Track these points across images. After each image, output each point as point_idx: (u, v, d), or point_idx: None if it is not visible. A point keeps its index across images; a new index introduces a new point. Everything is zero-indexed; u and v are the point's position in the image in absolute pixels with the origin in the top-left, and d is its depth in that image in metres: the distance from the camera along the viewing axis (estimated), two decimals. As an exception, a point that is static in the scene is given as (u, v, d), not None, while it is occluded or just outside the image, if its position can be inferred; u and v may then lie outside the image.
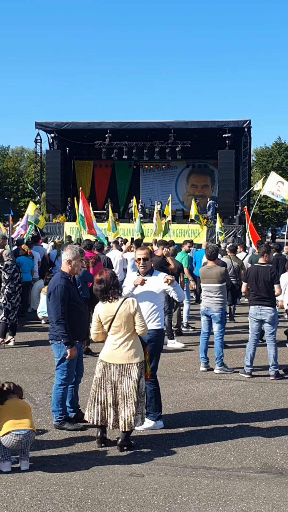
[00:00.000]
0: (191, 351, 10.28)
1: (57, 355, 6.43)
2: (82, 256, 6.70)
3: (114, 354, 5.86)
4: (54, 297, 6.29)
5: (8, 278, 10.45)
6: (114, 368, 5.83)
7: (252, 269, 8.71)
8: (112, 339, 5.90)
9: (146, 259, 6.53)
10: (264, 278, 8.49)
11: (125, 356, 5.83)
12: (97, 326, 6.00)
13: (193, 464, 5.54)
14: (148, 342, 6.37)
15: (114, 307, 5.87)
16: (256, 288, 8.54)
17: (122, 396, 5.78)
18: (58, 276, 6.48)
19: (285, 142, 68.37)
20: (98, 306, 6.01)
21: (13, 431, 5.24)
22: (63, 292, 6.28)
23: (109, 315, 5.87)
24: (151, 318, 6.44)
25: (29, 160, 65.63)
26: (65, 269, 6.56)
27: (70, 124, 30.55)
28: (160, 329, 6.53)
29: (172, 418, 6.77)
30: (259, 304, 8.57)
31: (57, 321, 6.24)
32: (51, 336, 6.46)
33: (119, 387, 5.81)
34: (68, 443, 6.03)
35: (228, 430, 6.44)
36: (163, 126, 29.83)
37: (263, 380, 8.45)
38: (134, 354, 5.87)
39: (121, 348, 5.85)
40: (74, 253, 6.56)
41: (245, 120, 29.12)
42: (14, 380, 8.14)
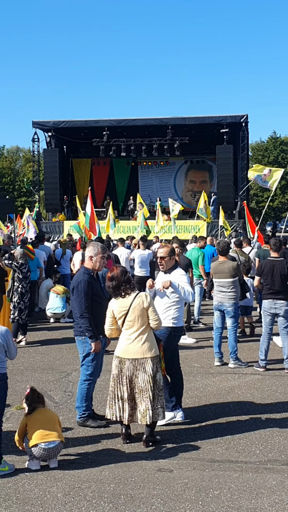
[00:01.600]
0: (203, 347, 10.32)
1: (81, 351, 6.46)
2: (103, 253, 6.71)
3: (128, 349, 5.90)
4: (77, 292, 6.34)
5: (22, 277, 10.48)
6: (129, 362, 5.87)
7: (268, 263, 8.73)
8: (126, 334, 5.94)
9: (164, 257, 6.56)
10: (280, 272, 8.53)
11: (139, 351, 5.87)
12: (111, 322, 6.04)
13: (219, 458, 5.58)
14: (162, 336, 6.41)
15: (128, 302, 5.91)
16: (272, 282, 8.57)
17: (138, 390, 5.83)
18: (81, 272, 6.57)
19: (281, 136, 68.51)
20: (112, 302, 6.05)
21: (41, 443, 5.25)
22: (86, 287, 6.34)
23: (123, 309, 5.91)
24: (166, 315, 6.47)
25: (24, 159, 65.65)
26: (88, 265, 6.63)
27: (67, 122, 30.52)
28: (173, 326, 6.54)
29: (193, 413, 6.81)
30: (274, 298, 8.60)
31: (81, 315, 6.28)
32: (76, 332, 6.50)
33: (134, 382, 5.85)
34: (93, 440, 6.06)
35: (250, 423, 6.48)
36: (161, 123, 29.81)
37: (278, 374, 8.50)
38: (149, 348, 5.91)
39: (135, 343, 5.89)
40: (96, 250, 6.62)
41: (243, 115, 29.14)
42: (31, 379, 8.25)
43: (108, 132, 29.85)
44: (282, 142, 67.16)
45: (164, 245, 6.78)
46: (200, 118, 30.07)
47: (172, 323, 6.55)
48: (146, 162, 34.82)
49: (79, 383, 6.52)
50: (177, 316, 6.60)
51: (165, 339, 6.47)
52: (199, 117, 30.27)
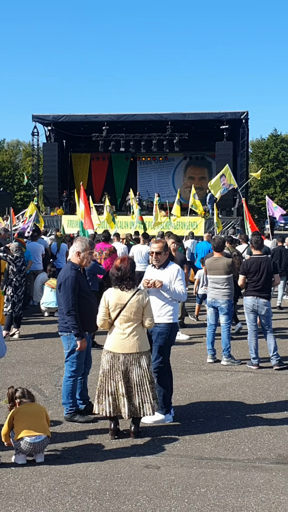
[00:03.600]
0: (196, 343, 10.27)
1: (66, 346, 6.40)
2: (91, 248, 6.65)
3: (123, 343, 5.85)
4: (64, 289, 6.25)
5: (16, 271, 10.44)
6: (123, 357, 5.82)
7: (253, 261, 8.70)
8: (120, 329, 5.88)
9: (159, 253, 6.49)
10: (267, 269, 8.55)
11: (134, 345, 5.83)
12: (105, 312, 5.94)
13: (208, 456, 5.53)
14: (158, 335, 6.36)
15: (127, 296, 5.86)
16: (258, 279, 8.58)
17: (133, 385, 5.79)
18: (68, 268, 6.46)
19: (281, 134, 68.35)
20: (109, 292, 5.96)
21: (27, 437, 5.20)
22: (74, 283, 6.25)
23: (120, 302, 5.85)
24: (162, 311, 6.41)
25: (24, 153, 65.52)
26: (75, 260, 6.53)
27: (67, 116, 30.44)
28: (171, 323, 6.47)
29: (183, 410, 6.76)
30: (257, 296, 8.60)
31: (68, 312, 6.20)
32: (61, 327, 6.42)
33: (129, 376, 5.80)
34: (81, 435, 6.01)
35: (241, 421, 6.43)
36: (161, 118, 29.73)
37: (271, 372, 8.45)
38: (143, 344, 5.90)
39: (130, 337, 5.84)
40: (84, 245, 6.53)
41: (243, 112, 29.07)
42: (22, 373, 8.20)
43: (108, 127, 29.77)
44: (282, 140, 66.97)
45: (158, 240, 6.70)
46: (200, 114, 29.96)
47: (171, 319, 6.49)
48: (145, 158, 34.77)
49: (63, 379, 6.47)
50: (174, 312, 6.54)
51: (167, 336, 6.41)
52: (199, 113, 30.14)
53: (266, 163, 63.98)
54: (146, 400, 5.80)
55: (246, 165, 30.81)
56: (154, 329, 6.33)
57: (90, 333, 6.61)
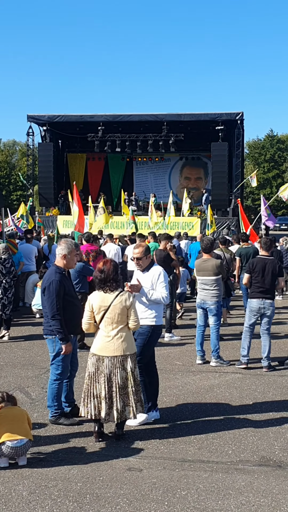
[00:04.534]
0: (187, 344, 10.27)
1: (51, 350, 6.39)
2: (77, 250, 6.64)
3: (107, 346, 5.84)
4: (49, 293, 6.23)
5: (5, 272, 10.40)
6: (108, 360, 5.81)
7: (259, 261, 8.67)
8: (105, 332, 5.87)
9: (140, 258, 6.47)
10: (272, 271, 8.51)
11: (119, 348, 5.82)
12: (90, 316, 5.94)
13: (191, 458, 5.52)
14: (139, 335, 6.36)
15: (110, 298, 5.85)
16: (262, 280, 8.53)
17: (115, 388, 5.77)
18: (52, 271, 6.41)
19: (277, 134, 68.47)
20: (93, 295, 5.97)
21: (8, 441, 5.18)
22: (58, 287, 6.23)
23: (103, 305, 5.84)
24: (145, 314, 6.39)
25: (21, 153, 65.46)
26: (60, 264, 6.49)
27: (63, 116, 30.40)
28: (153, 325, 6.45)
29: (169, 412, 6.75)
30: (263, 297, 8.56)
31: (53, 317, 6.19)
32: (45, 331, 6.41)
33: (113, 379, 5.79)
34: (65, 438, 6.00)
35: (226, 423, 6.42)
36: (156, 119, 29.73)
37: (259, 373, 8.45)
38: (128, 346, 5.88)
39: (114, 340, 5.83)
40: (70, 248, 6.50)
41: (238, 113, 29.08)
42: (9, 375, 8.19)
43: (103, 127, 29.74)
44: (279, 141, 67.13)
45: (138, 245, 6.64)
46: (195, 115, 29.96)
47: (154, 321, 6.48)
48: (141, 158, 34.74)
49: (49, 382, 6.45)
50: (157, 315, 6.52)
51: (147, 337, 6.41)
52: (194, 113, 30.14)
53: (262, 164, 64.11)
54: (128, 403, 5.79)
55: (242, 166, 30.80)
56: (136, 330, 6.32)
57: (76, 336, 6.59)
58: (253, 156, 66.09)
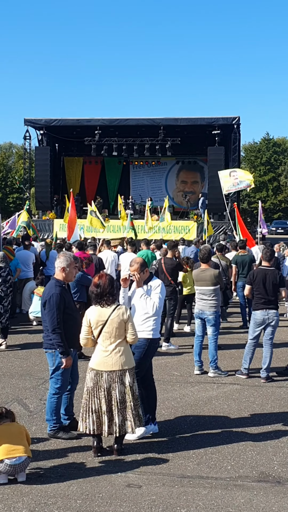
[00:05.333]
0: (184, 354, 10.26)
1: (51, 363, 6.37)
2: (76, 262, 6.63)
3: (106, 361, 5.83)
4: (49, 306, 6.21)
5: (1, 281, 10.35)
6: (106, 375, 5.80)
7: (259, 272, 8.67)
8: (103, 346, 5.86)
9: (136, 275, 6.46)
10: (272, 281, 8.50)
11: (117, 363, 5.81)
12: (87, 331, 5.94)
13: (190, 474, 5.52)
14: (136, 348, 6.34)
15: (107, 312, 5.84)
16: (264, 291, 8.52)
17: (115, 403, 5.76)
18: (52, 284, 6.39)
19: (273, 137, 68.59)
20: (90, 310, 5.96)
21: (7, 459, 5.16)
22: (59, 300, 6.21)
23: (101, 319, 5.84)
24: (142, 327, 6.37)
25: (17, 155, 65.35)
26: (59, 277, 6.47)
27: (60, 120, 30.38)
28: (150, 338, 6.44)
29: (168, 425, 6.75)
30: (266, 308, 8.54)
31: (53, 330, 6.17)
32: (45, 344, 6.39)
33: (112, 394, 5.78)
34: (64, 452, 5.99)
35: (224, 437, 6.42)
36: (153, 123, 29.74)
37: (257, 383, 8.45)
38: (126, 360, 5.86)
39: (113, 355, 5.82)
40: (69, 260, 6.49)
41: (234, 117, 29.12)
42: (7, 386, 8.17)
43: (100, 131, 29.74)
44: (274, 144, 67.25)
45: (134, 261, 6.57)
46: (192, 119, 29.99)
47: (151, 334, 6.46)
48: (138, 162, 34.74)
49: (48, 396, 6.42)
50: (155, 328, 6.52)
51: (144, 351, 6.40)
52: (191, 118, 30.17)
53: (258, 167, 64.20)
54: (127, 418, 5.78)
55: (238, 169, 30.83)
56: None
57: (75, 350, 6.58)
58: (249, 159, 66.17)
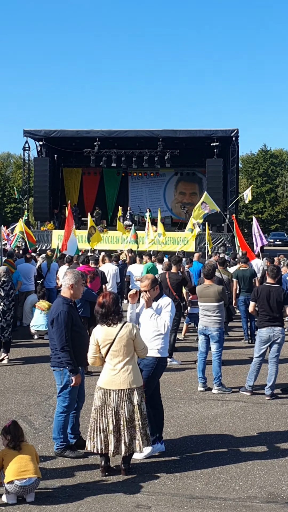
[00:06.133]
0: (187, 369, 10.24)
1: (59, 382, 6.35)
2: (83, 279, 6.63)
3: (114, 379, 5.82)
4: (57, 324, 6.21)
5: (4, 295, 10.34)
6: (115, 394, 5.79)
7: (264, 289, 8.68)
8: (111, 365, 5.86)
9: (147, 291, 6.48)
10: (276, 298, 8.51)
11: (125, 381, 5.81)
12: (95, 350, 5.95)
13: (199, 494, 5.50)
14: (144, 367, 6.35)
15: (114, 331, 5.85)
16: (269, 308, 8.52)
17: (123, 422, 5.75)
18: (60, 302, 6.40)
19: (271, 149, 68.91)
20: (97, 329, 5.97)
21: (16, 480, 5.15)
22: (67, 318, 6.21)
23: (108, 338, 5.84)
24: (151, 345, 6.36)
25: (15, 165, 65.44)
26: (66, 294, 6.47)
27: (59, 132, 30.54)
28: (159, 357, 6.45)
29: (174, 444, 6.73)
30: (271, 325, 8.54)
31: (62, 348, 6.16)
32: (53, 363, 6.38)
33: (120, 413, 5.77)
34: (71, 471, 5.97)
35: (231, 456, 6.41)
36: (152, 135, 29.91)
37: (262, 401, 8.45)
38: (134, 379, 5.86)
39: (121, 373, 5.82)
40: (76, 277, 6.50)
41: (233, 130, 29.31)
42: (11, 402, 8.16)
43: (99, 142, 29.88)
44: (272, 155, 67.59)
45: (145, 277, 6.62)
46: (191, 131, 30.22)
47: (159, 353, 6.47)
48: (137, 173, 34.85)
49: (55, 414, 6.40)
50: (163, 346, 6.52)
51: (153, 369, 6.41)
52: (190, 130, 30.42)
53: (255, 178, 64.46)
54: (135, 437, 5.77)
55: (236, 182, 31.00)
56: (141, 361, 6.32)
57: (83, 368, 6.57)
58: (247, 171, 66.45)
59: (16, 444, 5.37)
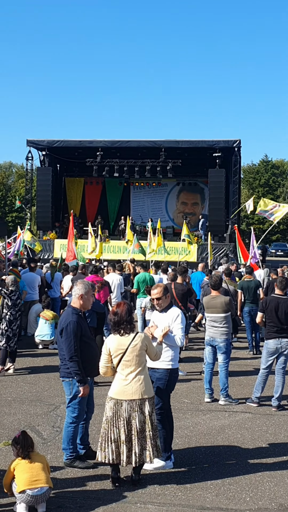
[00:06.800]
0: (193, 380, 10.24)
1: (68, 392, 6.36)
2: (93, 290, 6.66)
3: (125, 390, 5.84)
4: (66, 334, 6.23)
5: (11, 305, 10.37)
6: (126, 404, 5.81)
7: (272, 300, 8.70)
8: (123, 375, 5.88)
9: (159, 298, 6.52)
10: (285, 311, 8.52)
11: (137, 391, 5.82)
12: (107, 359, 5.98)
13: (209, 505, 5.50)
14: (157, 381, 6.36)
15: (126, 341, 5.87)
16: (277, 319, 8.53)
17: (135, 432, 5.77)
18: (69, 312, 6.42)
19: (272, 159, 69.10)
20: (109, 339, 6.00)
21: (28, 490, 5.16)
22: (76, 328, 6.23)
23: (121, 348, 5.87)
24: (164, 356, 6.38)
25: (17, 175, 65.60)
26: (76, 304, 6.49)
27: (62, 142, 30.60)
28: (170, 368, 6.47)
29: (183, 455, 6.73)
30: (279, 337, 8.55)
31: (70, 358, 6.18)
32: (62, 373, 6.39)
33: (132, 423, 5.78)
34: (81, 482, 5.97)
35: (241, 468, 6.41)
36: (154, 145, 29.99)
37: (269, 412, 8.45)
38: (146, 389, 5.88)
39: (133, 383, 5.84)
40: (87, 288, 6.52)
41: (235, 140, 29.39)
42: (18, 412, 8.16)
43: (102, 152, 29.95)
44: (273, 166, 67.77)
45: (157, 285, 6.70)
46: (193, 142, 30.29)
47: (171, 365, 6.49)
48: (139, 183, 34.91)
49: (64, 425, 6.40)
50: (174, 358, 6.54)
51: (166, 382, 6.42)
52: (192, 140, 30.49)
53: (257, 188, 64.60)
54: (146, 447, 5.78)
55: (238, 192, 31.08)
56: (153, 374, 6.34)
57: (92, 378, 6.59)
58: (248, 181, 66.62)
59: (26, 454, 5.38)
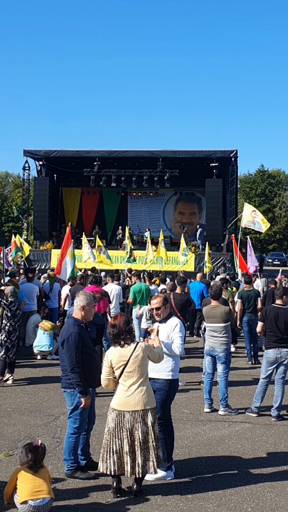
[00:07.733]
0: (191, 390, 10.23)
1: (69, 403, 6.36)
2: (95, 302, 6.68)
3: (128, 401, 5.84)
4: (68, 345, 6.24)
5: (11, 315, 10.38)
6: (129, 415, 5.81)
7: (272, 309, 8.72)
8: (125, 386, 5.89)
9: (158, 308, 6.54)
10: (285, 320, 8.54)
11: (140, 402, 5.83)
12: (109, 372, 5.99)
13: (211, 517, 5.50)
14: (157, 391, 6.37)
15: (128, 352, 5.89)
16: (277, 329, 8.54)
17: (138, 443, 5.77)
18: (71, 323, 6.43)
19: (268, 169, 69.40)
20: (110, 351, 6.02)
21: (31, 501, 5.15)
22: (77, 339, 6.24)
23: (122, 360, 5.88)
24: (161, 367, 6.40)
25: (13, 185, 65.66)
26: (78, 316, 6.51)
27: (59, 152, 30.74)
28: (170, 379, 6.48)
29: (184, 465, 6.73)
30: (278, 346, 8.56)
31: (72, 370, 6.19)
32: (64, 384, 6.40)
33: (135, 434, 5.79)
34: (83, 493, 5.96)
35: (242, 478, 6.40)
36: (152, 155, 30.15)
37: (268, 422, 8.45)
38: (148, 400, 5.90)
39: (135, 394, 5.85)
40: (88, 299, 6.54)
41: (232, 150, 29.56)
42: (18, 423, 8.14)
43: (99, 162, 30.08)
44: (269, 176, 68.07)
45: (157, 296, 6.73)
46: (190, 152, 30.46)
47: (171, 375, 6.51)
48: (136, 193, 35.02)
49: (66, 436, 6.40)
50: (174, 368, 6.55)
51: (166, 392, 6.43)
52: (189, 150, 30.66)
53: (253, 198, 64.83)
54: (149, 458, 5.79)
55: (235, 202, 31.18)
56: (153, 384, 6.34)
57: (94, 389, 6.59)
58: (244, 191, 66.87)
59: (34, 468, 5.37)
